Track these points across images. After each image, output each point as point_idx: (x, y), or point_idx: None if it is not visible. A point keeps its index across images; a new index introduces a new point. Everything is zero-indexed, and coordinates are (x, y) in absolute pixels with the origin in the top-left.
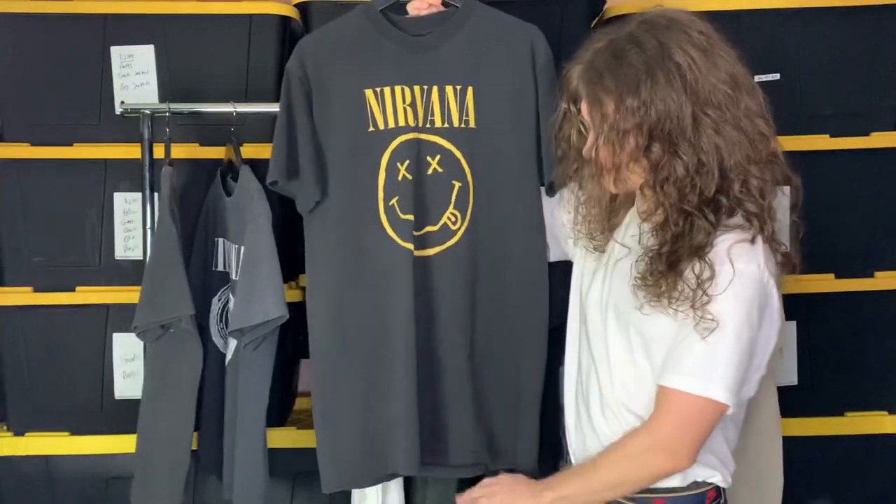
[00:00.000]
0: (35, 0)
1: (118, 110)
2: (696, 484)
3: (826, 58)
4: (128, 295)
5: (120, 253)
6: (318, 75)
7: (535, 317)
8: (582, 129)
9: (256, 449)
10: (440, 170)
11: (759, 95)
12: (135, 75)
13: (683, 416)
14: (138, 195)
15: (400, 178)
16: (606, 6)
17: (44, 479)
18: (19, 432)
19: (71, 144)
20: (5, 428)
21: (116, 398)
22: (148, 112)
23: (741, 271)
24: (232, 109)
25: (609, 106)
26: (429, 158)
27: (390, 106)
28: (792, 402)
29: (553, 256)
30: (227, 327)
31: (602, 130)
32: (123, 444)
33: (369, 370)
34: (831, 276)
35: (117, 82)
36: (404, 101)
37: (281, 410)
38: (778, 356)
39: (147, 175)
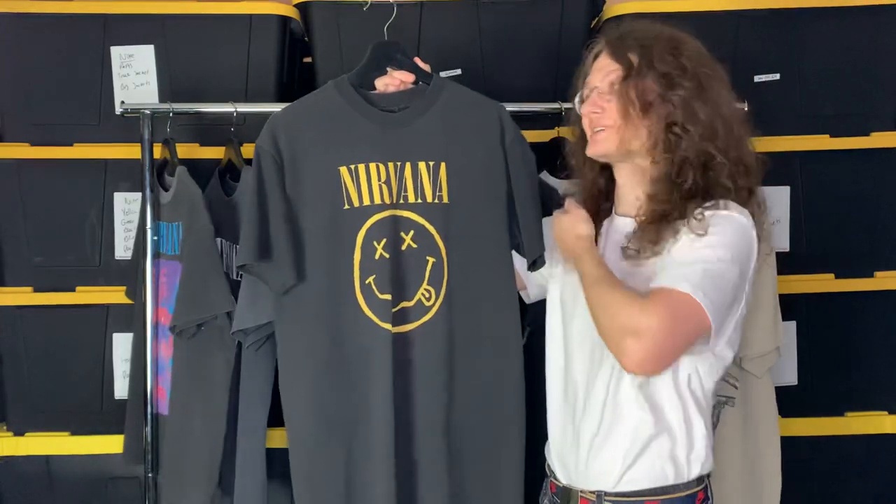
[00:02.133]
0: (35, 0)
1: (118, 110)
2: (697, 481)
3: (826, 58)
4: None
5: (120, 253)
6: (291, 151)
7: (511, 392)
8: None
9: (257, 450)
10: (414, 245)
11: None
12: (135, 75)
13: (667, 308)
14: (138, 195)
15: (377, 256)
16: (606, 6)
17: (44, 479)
18: (19, 432)
19: (71, 144)
20: (5, 428)
21: (116, 398)
22: (148, 112)
23: (731, 214)
24: (232, 109)
25: (633, 54)
26: (402, 234)
27: (365, 183)
28: (792, 402)
29: (532, 297)
30: None
31: (625, 75)
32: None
33: (349, 454)
34: (831, 276)
35: (117, 82)
36: (379, 179)
37: (280, 410)
38: (774, 356)
39: (147, 175)
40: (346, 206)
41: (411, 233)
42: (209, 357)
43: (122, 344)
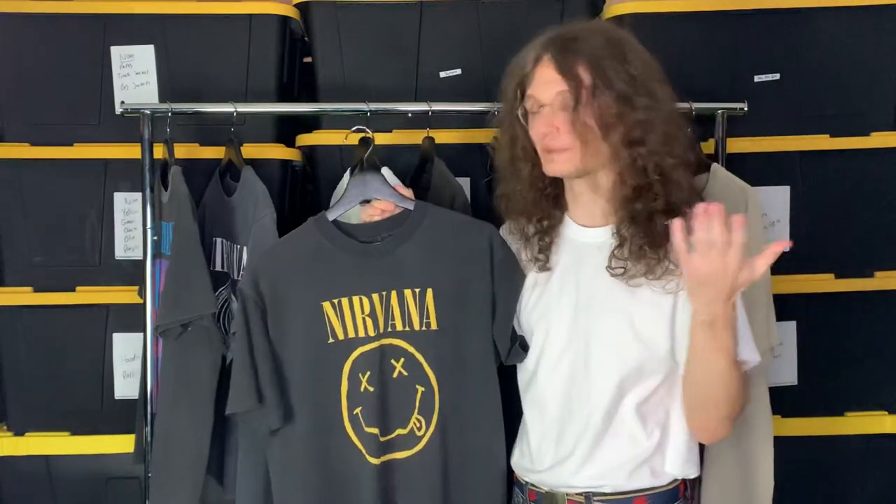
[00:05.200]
0: (35, 0)
1: (118, 110)
2: (675, 480)
3: (826, 58)
4: (128, 295)
5: (120, 253)
6: (273, 292)
7: None
8: (521, 121)
9: (257, 449)
10: (405, 373)
11: None
12: (135, 75)
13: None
14: (138, 195)
15: (362, 389)
16: (606, 6)
17: (44, 479)
18: (19, 432)
19: (71, 144)
20: (5, 428)
21: (116, 398)
22: (148, 112)
23: None
24: (232, 109)
25: (583, 70)
26: (393, 361)
27: (349, 316)
28: (792, 402)
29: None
30: (225, 327)
31: (577, 95)
32: (123, 444)
33: None
34: (831, 276)
35: (117, 82)
36: (363, 311)
37: None
38: (768, 356)
39: (147, 175)
40: (331, 340)
41: (402, 360)
42: (196, 358)
43: (122, 344)
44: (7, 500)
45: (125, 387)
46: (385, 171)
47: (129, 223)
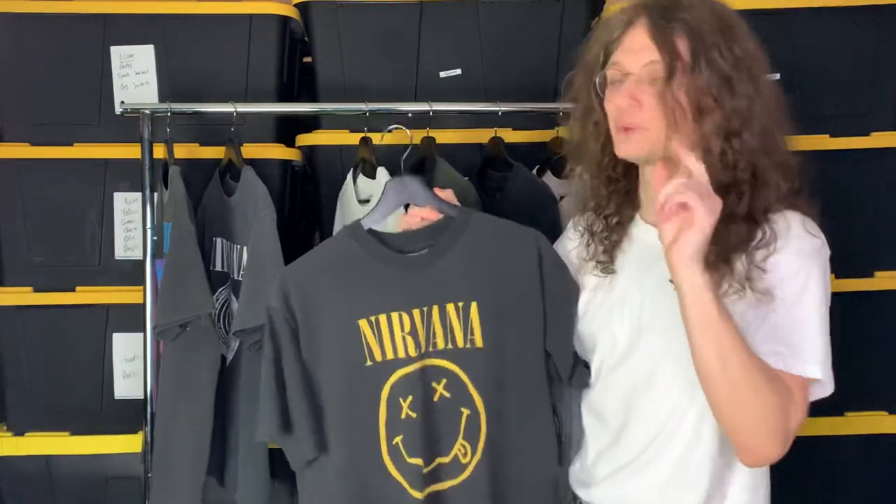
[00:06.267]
0: (35, 0)
1: (118, 110)
2: None
3: (826, 58)
4: (128, 295)
5: (120, 253)
6: (304, 309)
7: None
8: (597, 92)
9: (259, 449)
10: (447, 395)
11: None
12: (135, 75)
13: (807, 402)
14: (138, 195)
15: (403, 415)
16: (606, 6)
17: (44, 479)
18: (19, 432)
19: (71, 144)
20: (5, 428)
21: (116, 398)
22: (148, 112)
23: (822, 244)
24: (232, 109)
25: (682, 41)
26: (434, 384)
27: (387, 335)
28: None
29: None
30: (225, 327)
31: (671, 69)
32: (123, 444)
33: None
34: (831, 276)
35: (117, 82)
36: (403, 329)
37: None
38: None
39: (147, 175)
40: (369, 363)
41: (444, 381)
42: (194, 357)
43: (122, 344)
44: (7, 500)
45: (125, 387)
46: (381, 171)
47: (129, 223)
